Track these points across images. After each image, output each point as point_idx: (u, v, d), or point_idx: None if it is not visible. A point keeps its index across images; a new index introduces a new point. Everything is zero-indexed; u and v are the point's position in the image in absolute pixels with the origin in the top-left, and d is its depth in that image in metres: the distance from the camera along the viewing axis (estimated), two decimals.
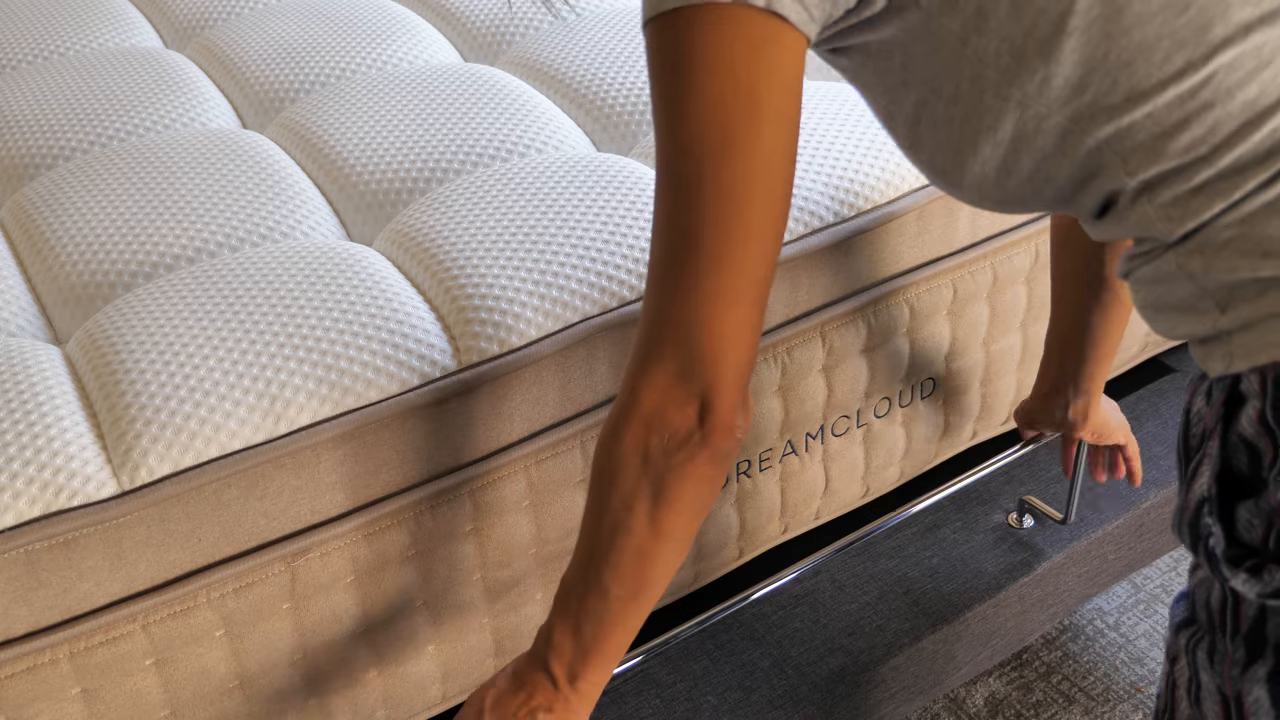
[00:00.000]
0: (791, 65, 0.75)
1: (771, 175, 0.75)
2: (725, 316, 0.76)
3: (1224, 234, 0.74)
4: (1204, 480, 0.78)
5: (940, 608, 1.42)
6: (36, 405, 1.04)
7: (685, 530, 0.84)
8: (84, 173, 1.38)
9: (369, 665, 1.15)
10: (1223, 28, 0.72)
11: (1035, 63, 0.75)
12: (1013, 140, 0.79)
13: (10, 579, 0.96)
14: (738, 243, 0.75)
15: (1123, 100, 0.74)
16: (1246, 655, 0.78)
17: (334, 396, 1.07)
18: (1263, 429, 0.73)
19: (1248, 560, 0.75)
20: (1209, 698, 0.81)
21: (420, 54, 1.65)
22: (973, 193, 0.85)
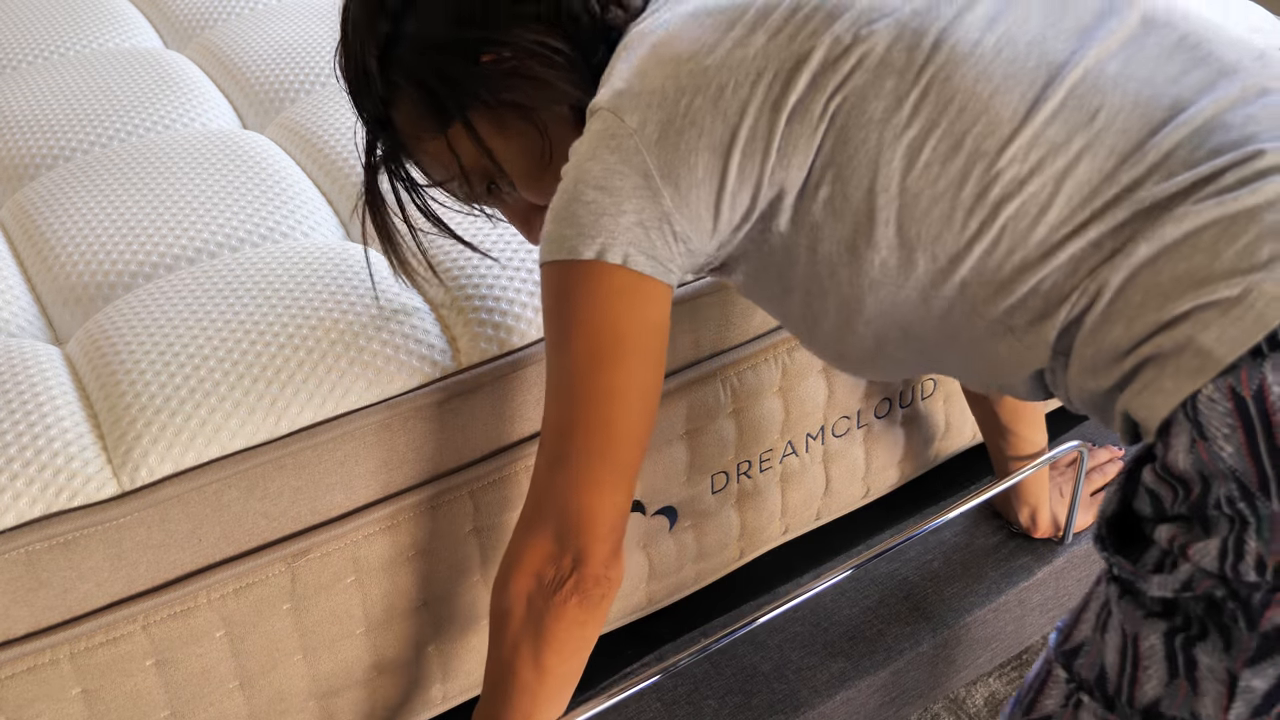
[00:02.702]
0: (652, 310, 0.91)
1: (633, 393, 0.91)
2: (595, 497, 0.92)
3: (1085, 351, 0.84)
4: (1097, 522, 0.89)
5: (941, 612, 1.42)
6: (36, 405, 1.04)
7: (565, 668, 0.98)
8: (84, 173, 1.38)
9: (369, 665, 1.15)
10: (999, 188, 0.84)
11: (866, 253, 0.89)
12: (878, 316, 0.92)
13: (10, 579, 0.96)
14: (606, 442, 0.91)
15: (947, 264, 0.87)
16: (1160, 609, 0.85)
17: (334, 396, 1.07)
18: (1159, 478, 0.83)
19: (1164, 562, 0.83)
20: (1114, 629, 0.89)
21: None
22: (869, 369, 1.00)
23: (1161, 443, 0.81)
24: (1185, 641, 0.83)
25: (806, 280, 0.94)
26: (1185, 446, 0.79)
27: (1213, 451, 0.77)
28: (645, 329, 0.92)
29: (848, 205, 0.88)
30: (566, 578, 0.93)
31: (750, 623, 1.25)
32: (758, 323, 1.25)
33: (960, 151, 0.85)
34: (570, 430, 0.92)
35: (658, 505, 1.26)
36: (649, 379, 0.93)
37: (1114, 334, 0.82)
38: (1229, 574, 0.78)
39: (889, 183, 0.87)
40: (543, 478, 0.94)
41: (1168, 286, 0.79)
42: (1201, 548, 0.79)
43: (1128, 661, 0.87)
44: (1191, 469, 0.79)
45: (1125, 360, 0.82)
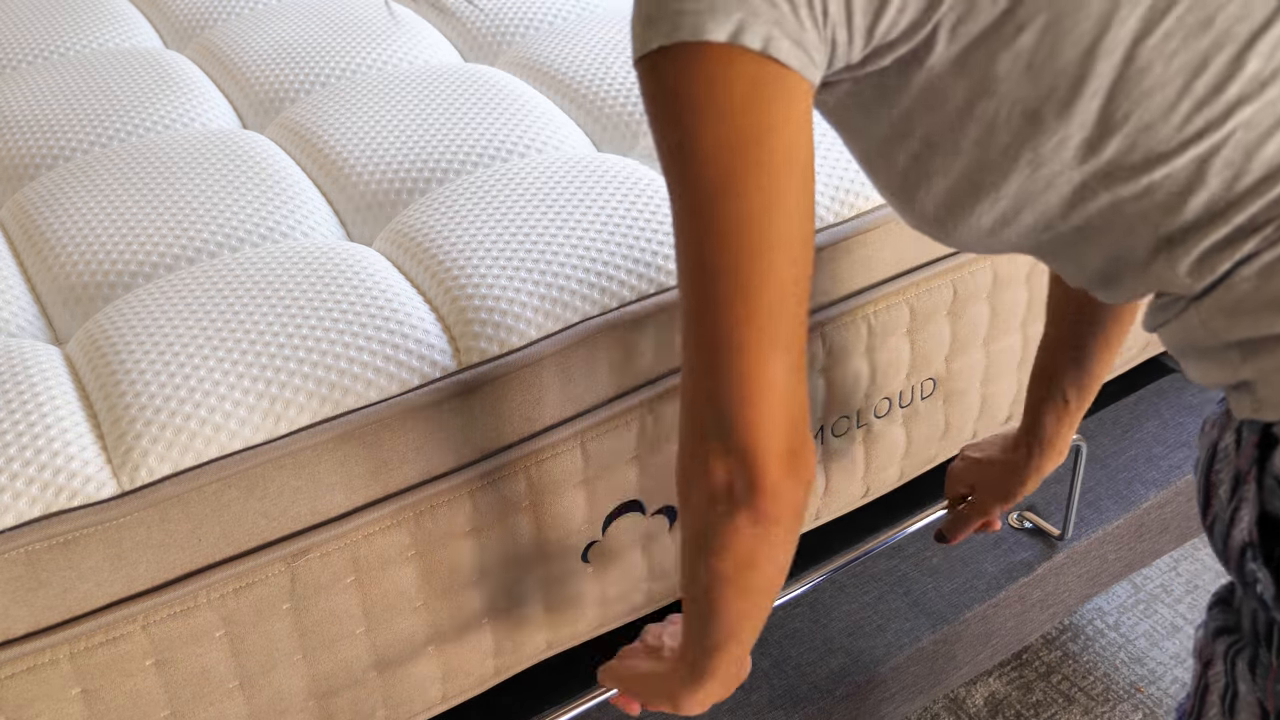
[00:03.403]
0: (795, 109, 0.72)
1: (780, 221, 0.72)
2: (756, 375, 0.72)
3: (1242, 287, 0.73)
4: (1244, 525, 0.77)
5: (940, 608, 1.42)
6: (36, 405, 1.04)
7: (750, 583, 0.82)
8: (84, 173, 1.38)
9: (369, 665, 1.15)
10: (1239, 85, 0.71)
11: (1052, 125, 0.73)
12: (1016, 196, 0.77)
13: (10, 579, 0.96)
14: (761, 290, 0.71)
15: (1142, 161, 0.73)
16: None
17: (334, 396, 1.07)
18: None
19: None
20: (1246, 709, 0.81)
21: (420, 54, 1.65)
22: (961, 241, 0.84)
23: None
24: None
25: (937, 134, 0.77)
26: None
27: None
28: (792, 133, 0.72)
29: (1053, 63, 0.72)
30: (735, 489, 0.75)
31: None
32: None
33: (1209, 29, 0.71)
34: (712, 283, 0.72)
35: (657, 505, 1.26)
36: (803, 198, 0.73)
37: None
38: None
39: (1116, 46, 0.71)
40: (689, 360, 0.75)
41: None
42: None
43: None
44: None
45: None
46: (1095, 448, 1.62)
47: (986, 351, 1.45)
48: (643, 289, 1.18)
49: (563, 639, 1.28)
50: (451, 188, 1.31)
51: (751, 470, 0.73)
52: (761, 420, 0.72)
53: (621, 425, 1.19)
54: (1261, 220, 0.72)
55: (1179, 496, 1.60)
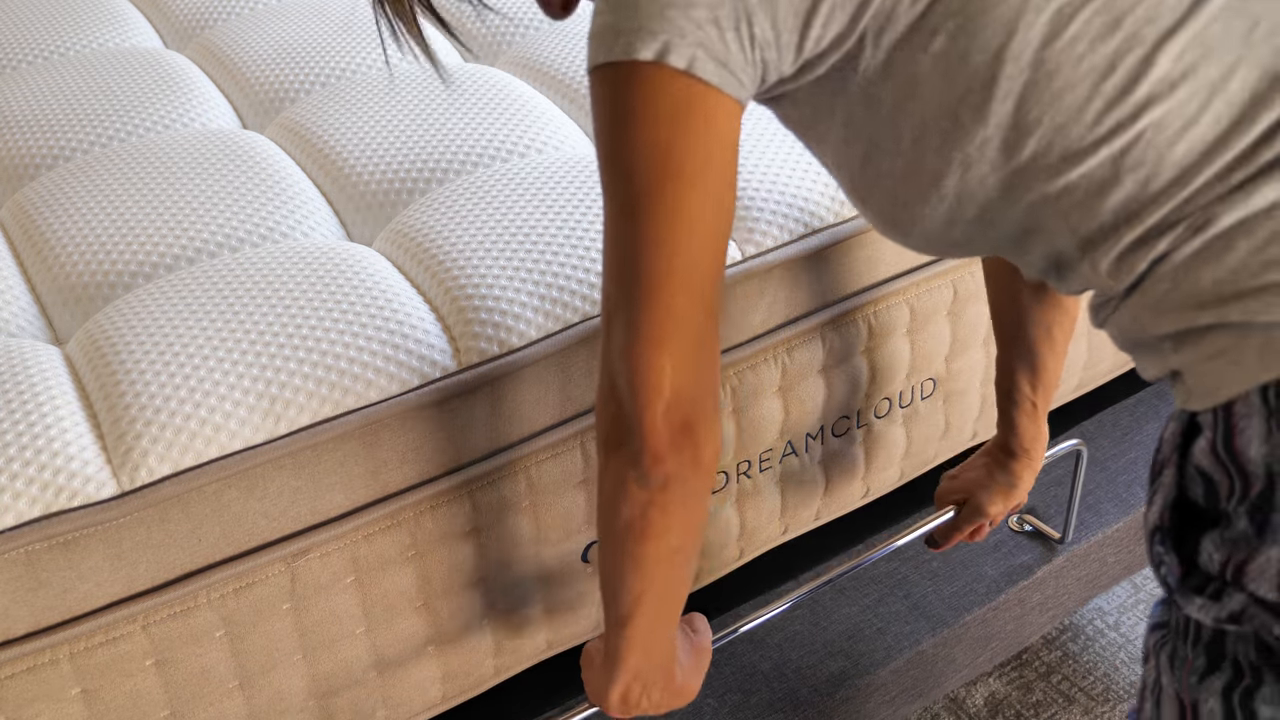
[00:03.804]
0: (717, 128, 0.76)
1: (698, 227, 0.77)
2: (649, 354, 0.78)
3: (1160, 286, 0.75)
4: (1156, 509, 0.79)
5: (940, 611, 1.42)
6: (36, 405, 1.04)
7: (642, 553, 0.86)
8: (84, 173, 1.38)
9: (369, 665, 1.15)
10: (1148, 86, 0.73)
11: (972, 127, 0.77)
12: (956, 194, 0.80)
13: (10, 579, 0.96)
14: (664, 285, 0.77)
15: (1058, 160, 0.76)
16: (1206, 664, 0.79)
17: (334, 396, 1.07)
18: (1215, 461, 0.74)
19: (1208, 586, 0.76)
20: (1168, 702, 0.82)
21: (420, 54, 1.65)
22: (920, 242, 0.87)
23: (1222, 420, 0.73)
24: (1243, 695, 0.76)
25: (879, 136, 0.81)
26: (1261, 434, 0.70)
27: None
28: (711, 151, 0.77)
29: (965, 66, 0.75)
30: (625, 449, 0.81)
31: (749, 622, 1.26)
32: (758, 322, 1.25)
33: (1117, 32, 0.73)
34: (624, 271, 0.78)
35: None
36: (716, 212, 0.78)
37: (1202, 278, 0.73)
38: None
39: (1023, 50, 0.74)
40: (603, 332, 0.81)
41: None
42: (1260, 566, 0.71)
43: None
44: (1261, 461, 0.71)
45: (1202, 313, 0.73)
46: (1095, 450, 1.62)
47: (986, 351, 1.45)
48: None
49: (563, 639, 1.28)
50: (451, 188, 1.31)
51: (634, 437, 0.80)
52: (646, 398, 0.79)
53: None
54: (1173, 219, 0.74)
55: None
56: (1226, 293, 0.72)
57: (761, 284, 1.22)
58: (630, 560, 0.87)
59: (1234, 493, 0.73)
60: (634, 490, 0.82)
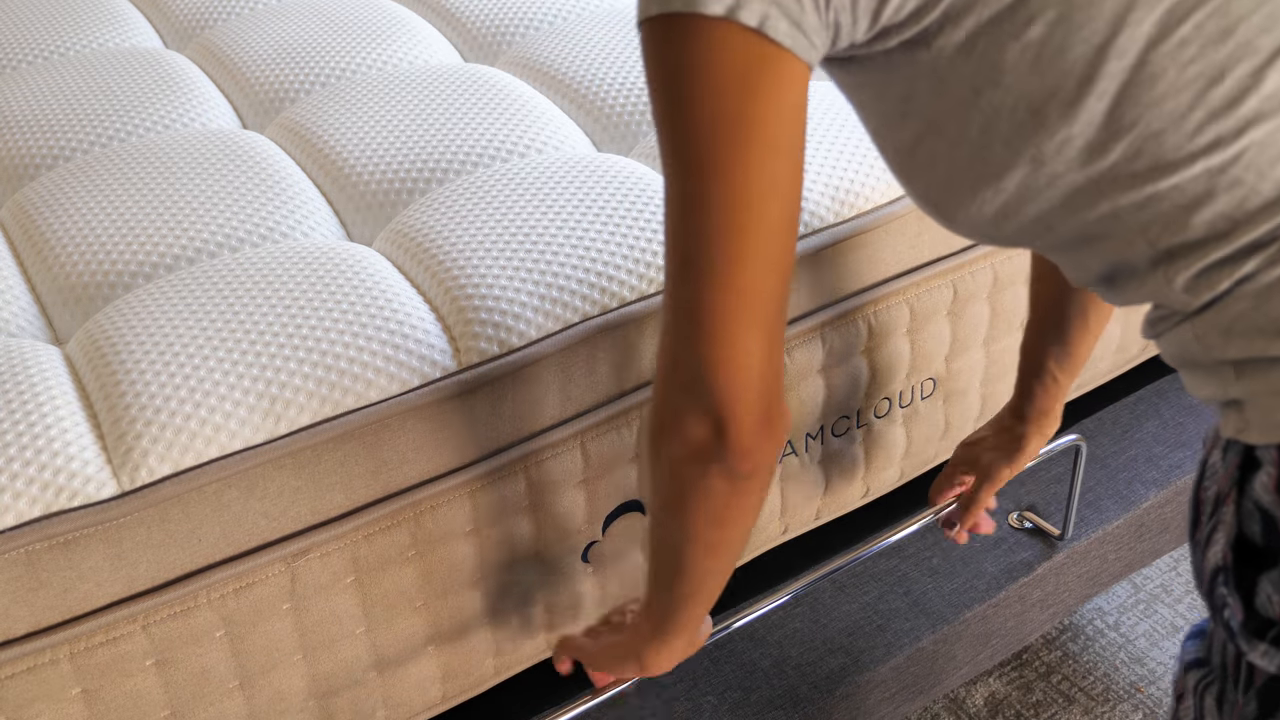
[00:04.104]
0: (787, 92, 0.71)
1: (764, 201, 0.72)
2: (730, 341, 0.74)
3: (1238, 306, 0.72)
4: (1218, 549, 0.76)
5: (940, 608, 1.42)
6: (36, 405, 1.04)
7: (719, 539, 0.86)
8: (84, 173, 1.38)
9: (369, 665, 1.15)
10: (1256, 101, 0.69)
11: (1056, 123, 0.72)
12: (1018, 190, 0.76)
13: (10, 579, 0.96)
14: (738, 263, 0.72)
15: (1147, 169, 0.71)
16: (1258, 710, 0.76)
17: (334, 396, 1.07)
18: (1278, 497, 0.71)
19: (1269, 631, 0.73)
20: None
21: (420, 54, 1.65)
22: (964, 228, 0.83)
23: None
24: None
25: (941, 119, 0.76)
26: None
27: None
28: (782, 116, 0.71)
29: (1061, 59, 0.70)
30: (710, 446, 0.76)
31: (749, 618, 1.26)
32: None
33: (1230, 39, 0.68)
34: (693, 253, 0.73)
35: None
36: (788, 182, 0.73)
37: None
38: None
39: (1129, 47, 0.69)
40: (669, 320, 0.76)
41: None
42: None
43: None
44: None
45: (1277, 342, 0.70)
46: (1095, 448, 1.62)
47: (986, 351, 1.45)
48: (643, 289, 1.18)
49: None
50: (451, 188, 1.31)
51: (726, 432, 0.75)
52: (738, 387, 0.74)
53: (621, 425, 1.19)
54: (1265, 240, 0.71)
55: (1179, 496, 1.60)
56: None
57: None
58: (704, 546, 0.86)
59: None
60: (717, 484, 0.78)
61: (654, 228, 1.21)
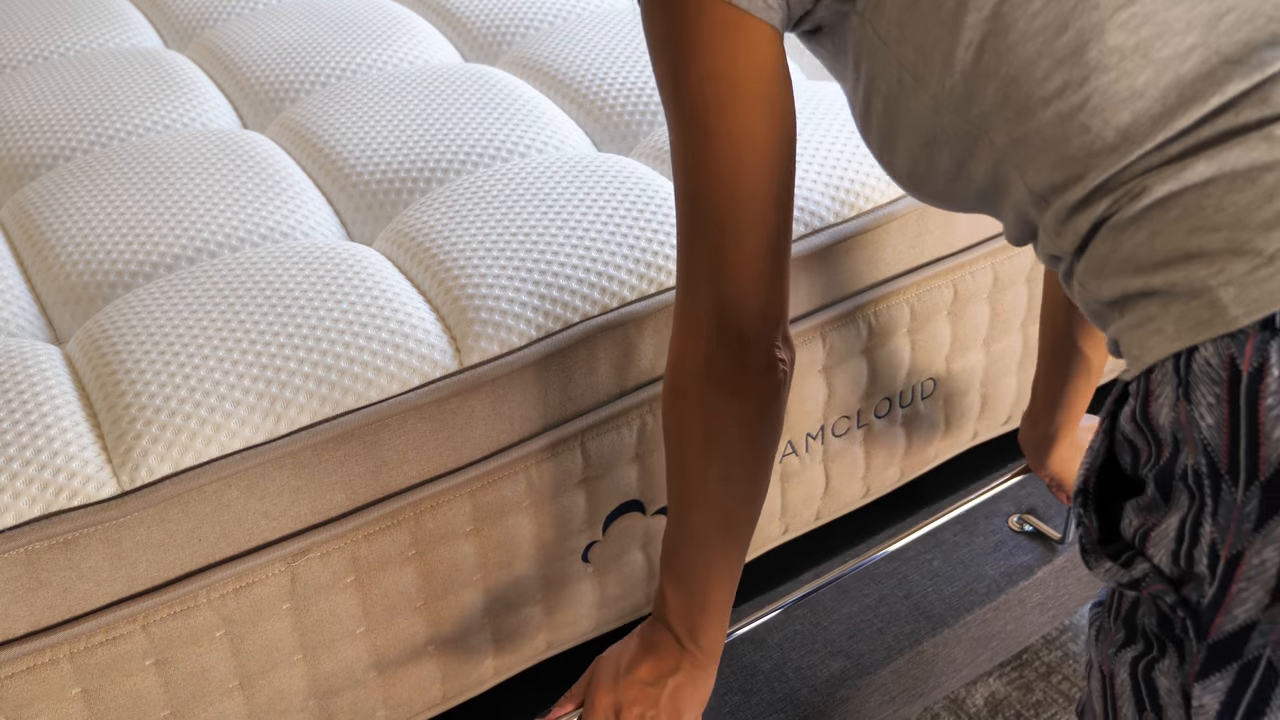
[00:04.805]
0: (760, 50, 0.83)
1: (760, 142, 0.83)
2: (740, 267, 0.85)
3: (1102, 248, 0.77)
4: (1081, 473, 0.82)
5: (941, 611, 1.42)
6: (36, 405, 1.04)
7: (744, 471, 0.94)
8: (84, 173, 1.38)
9: (369, 665, 1.15)
10: (1098, 52, 0.75)
11: (940, 71, 0.81)
12: (929, 141, 0.84)
13: (10, 579, 0.96)
14: (739, 198, 0.84)
15: (1012, 114, 0.78)
16: (1124, 637, 0.82)
17: (334, 396, 1.07)
18: (1136, 427, 0.77)
19: (1123, 554, 0.79)
20: (1094, 675, 0.86)
21: (420, 54, 1.65)
22: (908, 185, 0.91)
23: (1142, 388, 0.75)
24: (1145, 666, 0.79)
25: (873, 75, 0.86)
26: (1169, 401, 0.72)
27: (1192, 417, 0.71)
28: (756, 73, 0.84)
29: (937, 11, 0.80)
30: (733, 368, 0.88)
31: (750, 622, 1.26)
32: None
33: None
34: (699, 192, 0.85)
35: (658, 505, 1.26)
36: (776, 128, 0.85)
37: (1135, 242, 0.74)
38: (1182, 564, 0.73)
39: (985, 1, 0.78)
40: (683, 259, 0.88)
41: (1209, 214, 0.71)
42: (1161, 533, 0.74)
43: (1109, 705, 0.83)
44: (1168, 427, 0.73)
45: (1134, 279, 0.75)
46: None
47: (987, 352, 1.45)
48: (643, 289, 1.18)
49: (563, 639, 1.28)
50: (451, 188, 1.31)
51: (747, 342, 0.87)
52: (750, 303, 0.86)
53: (621, 425, 1.19)
54: (1113, 184, 0.76)
55: None
56: (1156, 260, 0.73)
57: None
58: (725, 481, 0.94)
59: (1150, 459, 0.76)
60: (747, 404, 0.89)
61: (654, 227, 1.21)
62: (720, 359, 0.88)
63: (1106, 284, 0.77)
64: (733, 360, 0.88)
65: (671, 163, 0.87)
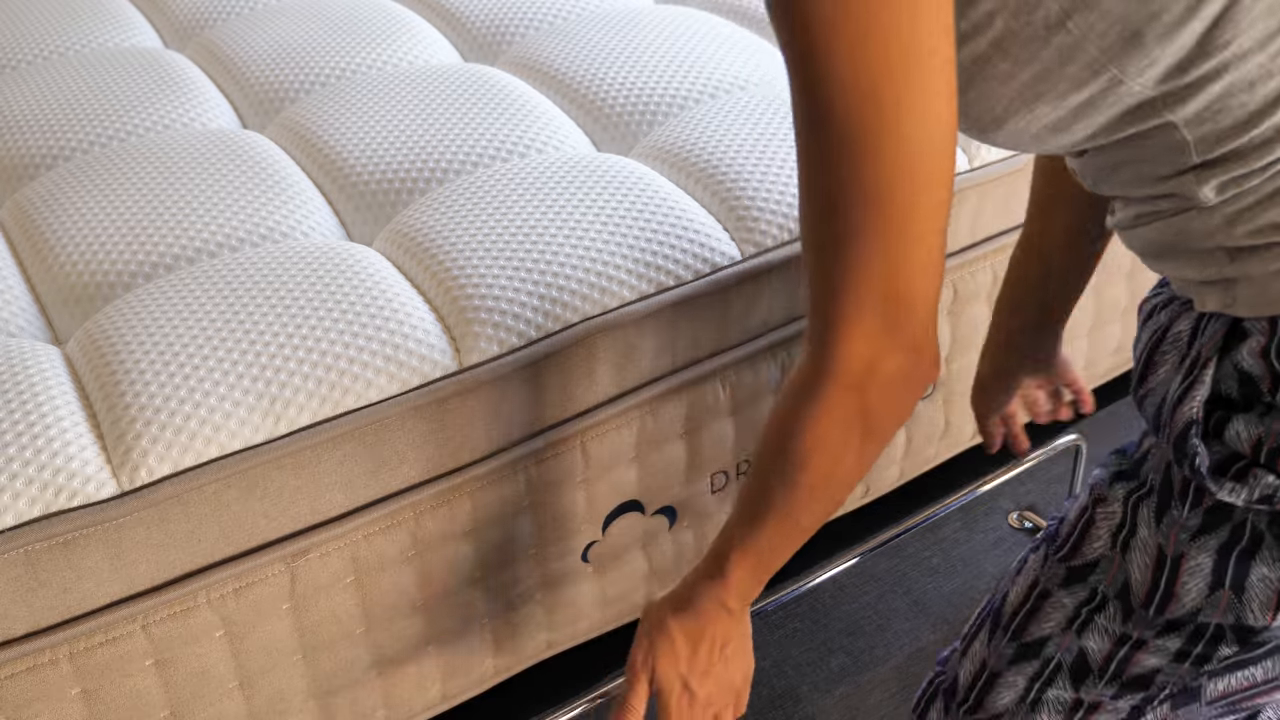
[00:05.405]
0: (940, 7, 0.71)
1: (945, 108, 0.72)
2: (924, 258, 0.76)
3: (1251, 195, 0.75)
4: (1194, 405, 0.81)
5: (940, 607, 1.42)
6: (36, 405, 1.04)
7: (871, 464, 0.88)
8: (84, 173, 1.38)
9: (369, 665, 1.15)
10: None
11: (1151, 46, 0.72)
12: (1080, 105, 0.77)
13: (10, 579, 0.96)
14: (931, 184, 0.74)
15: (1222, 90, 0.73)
16: (1200, 525, 0.83)
17: (334, 396, 1.07)
18: (1264, 362, 0.77)
19: (1233, 466, 0.79)
20: (1141, 548, 0.86)
21: (420, 54, 1.65)
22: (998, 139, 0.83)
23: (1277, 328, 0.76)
24: (1240, 555, 0.81)
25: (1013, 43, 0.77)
26: None
27: None
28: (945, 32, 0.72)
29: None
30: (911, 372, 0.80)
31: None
32: (757, 322, 1.25)
33: None
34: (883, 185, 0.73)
35: (657, 505, 1.26)
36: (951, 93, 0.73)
37: None
38: None
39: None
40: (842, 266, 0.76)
41: None
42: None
43: (1163, 578, 0.84)
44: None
45: None
46: (1095, 448, 1.62)
47: None
48: (643, 289, 1.18)
49: (563, 639, 1.28)
50: (451, 188, 1.31)
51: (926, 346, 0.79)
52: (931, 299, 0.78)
53: (621, 425, 1.19)
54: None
55: None
56: None
57: (762, 284, 1.22)
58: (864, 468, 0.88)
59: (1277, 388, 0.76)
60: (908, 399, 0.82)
61: (654, 228, 1.21)
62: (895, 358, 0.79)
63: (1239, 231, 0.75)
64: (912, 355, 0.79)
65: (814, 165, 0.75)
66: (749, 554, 0.92)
